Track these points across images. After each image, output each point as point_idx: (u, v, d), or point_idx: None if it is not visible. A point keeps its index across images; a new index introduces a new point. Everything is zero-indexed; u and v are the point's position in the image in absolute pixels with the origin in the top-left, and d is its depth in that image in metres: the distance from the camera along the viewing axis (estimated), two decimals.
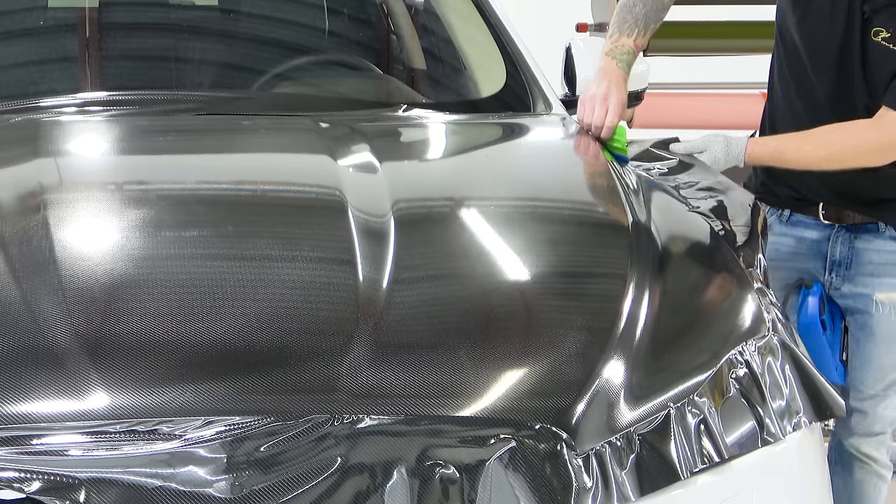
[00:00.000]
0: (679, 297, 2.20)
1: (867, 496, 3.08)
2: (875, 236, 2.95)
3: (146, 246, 2.19)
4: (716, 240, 2.40)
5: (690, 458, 1.90)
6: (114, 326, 1.92)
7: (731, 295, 2.22)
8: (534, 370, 1.92)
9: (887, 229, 2.94)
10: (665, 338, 2.03)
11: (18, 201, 2.31)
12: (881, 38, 2.79)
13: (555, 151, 3.00)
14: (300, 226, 2.36)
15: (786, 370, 2.08)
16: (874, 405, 2.99)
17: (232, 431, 1.72)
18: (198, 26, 3.51)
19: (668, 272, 2.24)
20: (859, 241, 2.96)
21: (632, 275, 2.15)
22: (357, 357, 1.86)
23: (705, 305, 2.21)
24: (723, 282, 2.29)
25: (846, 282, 2.98)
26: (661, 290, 2.18)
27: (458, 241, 2.29)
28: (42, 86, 3.26)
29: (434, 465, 1.74)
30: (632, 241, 2.31)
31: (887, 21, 2.79)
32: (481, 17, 3.39)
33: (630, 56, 2.86)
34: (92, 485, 1.66)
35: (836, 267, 2.98)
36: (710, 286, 2.28)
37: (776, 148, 2.82)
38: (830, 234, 2.99)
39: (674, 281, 2.23)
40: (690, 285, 2.26)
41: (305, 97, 3.27)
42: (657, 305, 2.09)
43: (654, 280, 2.15)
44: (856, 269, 2.97)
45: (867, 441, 3.04)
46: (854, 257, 2.97)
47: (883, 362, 2.98)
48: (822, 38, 2.86)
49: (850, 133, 2.80)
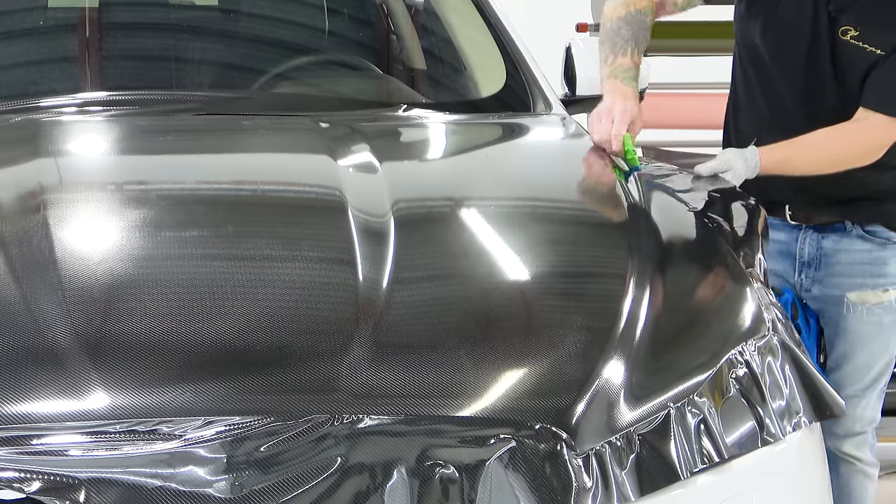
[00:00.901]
0: (679, 297, 2.20)
1: (855, 495, 3.07)
2: (842, 236, 2.94)
3: (146, 246, 2.19)
4: (716, 240, 2.40)
5: (690, 458, 1.90)
6: (114, 326, 1.92)
7: (731, 295, 2.22)
8: (534, 370, 1.92)
9: (854, 228, 2.92)
10: (665, 338, 2.03)
11: (18, 201, 2.31)
12: (850, 36, 2.78)
13: (555, 151, 3.00)
14: (300, 226, 2.36)
15: (786, 370, 2.08)
16: (853, 406, 2.97)
17: (232, 431, 1.72)
18: (198, 26, 3.51)
19: (668, 272, 2.24)
20: (827, 241, 2.95)
21: (632, 275, 2.15)
22: (357, 357, 1.86)
23: (705, 305, 2.21)
24: (723, 282, 2.28)
25: (816, 283, 2.97)
26: (661, 290, 2.18)
27: (458, 241, 2.29)
28: (42, 86, 3.26)
29: (434, 465, 1.74)
30: (631, 241, 2.31)
31: (855, 19, 2.78)
32: (481, 17, 3.39)
33: (632, 72, 2.81)
34: (92, 485, 1.66)
35: (806, 268, 2.97)
36: (710, 286, 2.28)
37: (784, 157, 2.78)
38: (798, 235, 2.97)
39: (674, 281, 2.23)
40: (690, 285, 2.26)
41: (305, 97, 3.27)
42: (657, 305, 2.09)
43: (653, 280, 2.14)
44: (825, 269, 2.95)
45: (848, 441, 3.02)
46: (822, 258, 2.95)
47: (858, 362, 2.97)
48: (789, 41, 2.85)
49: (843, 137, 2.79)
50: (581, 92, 3.29)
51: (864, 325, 2.94)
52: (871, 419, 3.04)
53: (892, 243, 2.93)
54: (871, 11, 2.79)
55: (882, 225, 2.93)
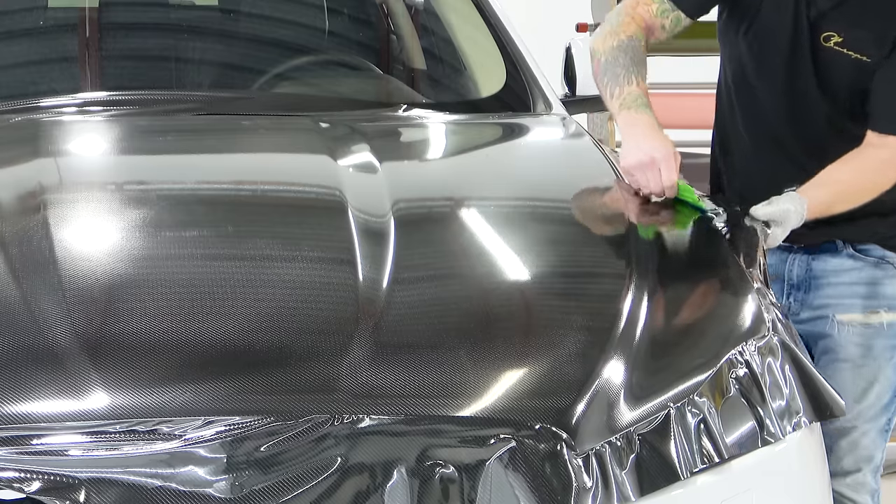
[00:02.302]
0: (679, 297, 2.20)
1: None
2: (833, 255, 2.78)
3: (146, 246, 2.19)
4: (715, 239, 2.40)
5: (690, 458, 1.90)
6: (114, 326, 1.93)
7: (731, 295, 2.21)
8: (534, 370, 1.92)
9: (845, 247, 2.78)
10: (665, 338, 2.04)
11: (18, 201, 2.31)
12: (833, 42, 2.65)
13: (554, 151, 3.00)
14: (300, 226, 2.36)
15: (786, 370, 2.08)
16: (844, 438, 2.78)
17: (232, 431, 1.72)
18: (198, 26, 3.51)
19: (668, 272, 2.24)
20: (817, 261, 2.79)
21: (632, 275, 2.15)
22: (357, 357, 1.86)
23: (705, 305, 2.21)
24: (723, 282, 2.28)
25: (805, 307, 2.81)
26: (661, 289, 2.18)
27: (458, 241, 2.29)
28: (42, 86, 3.26)
29: (434, 465, 1.74)
30: (631, 241, 2.31)
31: (837, 24, 2.64)
32: (481, 17, 3.39)
33: (642, 99, 2.62)
34: (92, 485, 1.66)
35: (794, 291, 2.82)
36: (710, 286, 2.28)
37: (824, 202, 2.61)
38: (787, 257, 2.81)
39: (674, 281, 2.23)
40: (690, 285, 2.26)
41: (305, 97, 3.27)
42: (657, 305, 2.09)
43: (653, 280, 2.14)
44: (814, 292, 2.80)
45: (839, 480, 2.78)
46: (812, 280, 2.81)
47: (848, 388, 2.74)
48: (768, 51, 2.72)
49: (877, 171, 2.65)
50: (581, 92, 3.28)
51: (852, 347, 2.78)
52: (867, 457, 2.80)
53: (887, 262, 2.78)
54: (854, 16, 2.64)
55: (875, 243, 2.78)
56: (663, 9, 2.72)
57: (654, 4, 2.71)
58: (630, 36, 2.68)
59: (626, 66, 2.65)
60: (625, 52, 2.67)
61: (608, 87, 2.66)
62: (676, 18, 2.73)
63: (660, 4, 2.71)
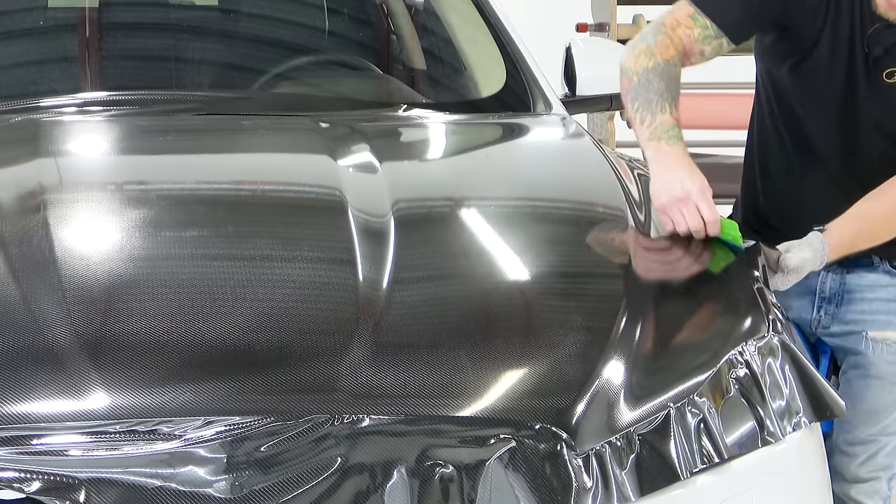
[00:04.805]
0: (679, 297, 2.20)
1: None
2: (869, 271, 2.73)
3: (146, 246, 2.19)
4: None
5: (690, 458, 1.90)
6: (114, 326, 1.93)
7: (731, 295, 2.21)
8: (534, 370, 1.92)
9: (882, 263, 2.73)
10: (665, 338, 2.04)
11: (18, 201, 2.31)
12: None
13: (555, 152, 3.00)
14: (300, 226, 2.36)
15: (786, 370, 2.08)
16: (864, 450, 2.76)
17: (232, 431, 1.72)
18: (198, 26, 3.51)
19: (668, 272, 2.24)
20: (852, 276, 2.73)
21: (632, 275, 2.15)
22: (357, 357, 1.86)
23: (705, 305, 2.20)
24: (723, 282, 2.28)
25: (835, 320, 2.76)
26: (661, 290, 2.18)
27: (458, 241, 2.29)
28: (42, 86, 3.26)
29: (434, 465, 1.74)
30: (631, 241, 2.31)
31: None
32: (481, 17, 3.39)
33: (675, 130, 2.48)
34: (92, 485, 1.66)
35: (826, 304, 2.76)
36: (711, 286, 2.28)
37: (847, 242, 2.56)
38: (820, 270, 2.69)
39: (674, 281, 2.23)
40: (690, 285, 2.26)
41: (305, 97, 3.27)
42: (657, 305, 2.09)
43: (653, 280, 2.14)
44: (846, 306, 2.75)
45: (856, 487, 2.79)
46: (845, 294, 2.75)
47: (876, 404, 2.74)
48: (820, 87, 2.63)
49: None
50: (581, 92, 3.28)
51: (884, 365, 2.73)
52: (885, 466, 2.79)
53: None
54: None
55: None
56: (706, 35, 2.56)
57: (697, 29, 2.56)
58: (667, 60, 2.53)
59: (661, 93, 2.51)
60: (660, 76, 2.52)
61: (639, 113, 2.51)
62: (718, 46, 2.58)
63: (702, 30, 2.56)
